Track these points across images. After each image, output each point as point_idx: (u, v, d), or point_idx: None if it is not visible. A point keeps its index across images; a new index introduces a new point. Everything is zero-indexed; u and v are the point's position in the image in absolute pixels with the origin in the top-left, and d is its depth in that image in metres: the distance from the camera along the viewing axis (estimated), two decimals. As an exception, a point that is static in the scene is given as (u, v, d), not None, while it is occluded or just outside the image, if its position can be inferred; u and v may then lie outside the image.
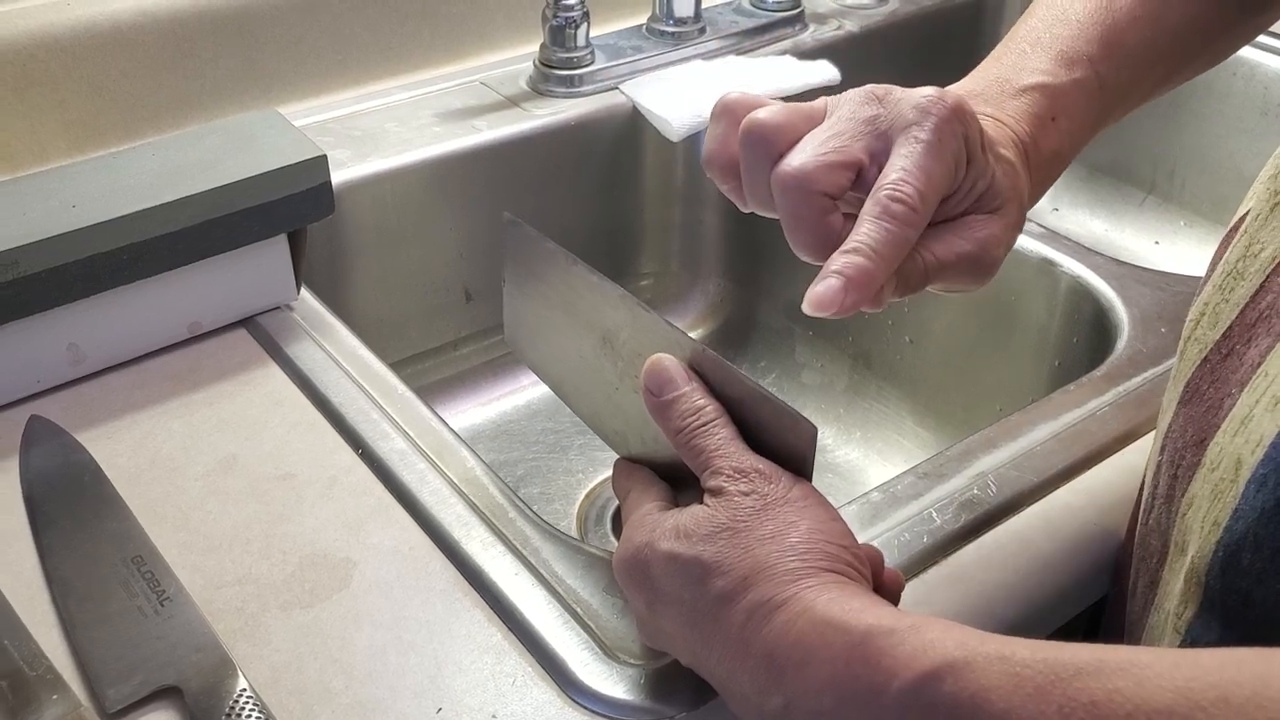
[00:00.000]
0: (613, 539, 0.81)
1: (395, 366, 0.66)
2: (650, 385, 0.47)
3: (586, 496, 0.84)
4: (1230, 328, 0.43)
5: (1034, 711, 0.32)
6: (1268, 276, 0.42)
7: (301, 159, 0.64)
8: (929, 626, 0.36)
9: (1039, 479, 0.57)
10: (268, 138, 0.65)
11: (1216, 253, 0.47)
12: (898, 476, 0.57)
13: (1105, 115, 0.54)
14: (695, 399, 0.46)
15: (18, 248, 0.56)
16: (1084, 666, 0.32)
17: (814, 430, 0.44)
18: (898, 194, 0.44)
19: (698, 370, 0.47)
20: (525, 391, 0.92)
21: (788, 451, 0.44)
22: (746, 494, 0.43)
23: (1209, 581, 0.40)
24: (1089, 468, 0.58)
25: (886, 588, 0.44)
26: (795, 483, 0.43)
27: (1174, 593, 0.43)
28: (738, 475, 0.43)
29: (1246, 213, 0.45)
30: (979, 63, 0.54)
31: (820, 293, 0.43)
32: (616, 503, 0.84)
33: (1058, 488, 0.57)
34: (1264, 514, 0.37)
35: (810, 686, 0.38)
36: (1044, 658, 0.33)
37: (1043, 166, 0.51)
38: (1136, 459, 0.59)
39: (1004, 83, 0.52)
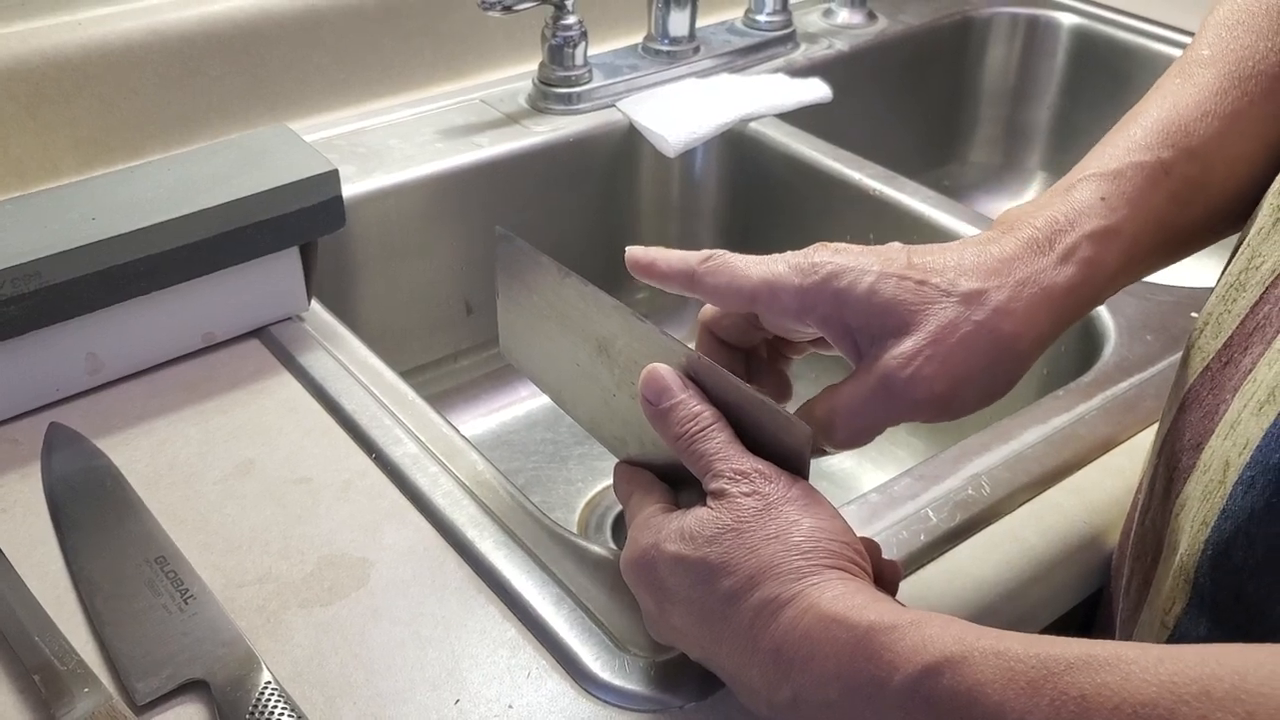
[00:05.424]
0: (613, 545, 0.82)
1: (397, 378, 0.67)
2: (648, 394, 0.48)
3: (587, 505, 0.86)
4: (1231, 337, 0.44)
5: (1027, 705, 0.34)
6: (1266, 288, 0.43)
7: (313, 174, 0.65)
8: (928, 622, 0.38)
9: (1030, 480, 0.59)
10: (280, 153, 0.67)
11: (1225, 267, 0.49)
12: (895, 478, 0.59)
13: (1181, 203, 0.49)
14: (692, 405, 0.47)
15: (40, 259, 0.58)
16: (1074, 661, 0.34)
17: (809, 431, 0.45)
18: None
19: (693, 377, 0.48)
20: (525, 402, 0.93)
21: (784, 452, 0.46)
22: (748, 495, 0.44)
23: (1197, 578, 0.42)
24: (1078, 469, 0.60)
25: (885, 576, 0.46)
26: (794, 482, 0.45)
27: (1164, 590, 0.45)
28: (739, 477, 0.44)
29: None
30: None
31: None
32: (616, 510, 0.85)
33: (1048, 488, 0.59)
34: (1254, 515, 0.39)
35: (817, 679, 0.39)
36: (1036, 653, 0.35)
37: (1099, 242, 0.47)
38: (1124, 461, 0.61)
39: (1060, 185, 0.50)
